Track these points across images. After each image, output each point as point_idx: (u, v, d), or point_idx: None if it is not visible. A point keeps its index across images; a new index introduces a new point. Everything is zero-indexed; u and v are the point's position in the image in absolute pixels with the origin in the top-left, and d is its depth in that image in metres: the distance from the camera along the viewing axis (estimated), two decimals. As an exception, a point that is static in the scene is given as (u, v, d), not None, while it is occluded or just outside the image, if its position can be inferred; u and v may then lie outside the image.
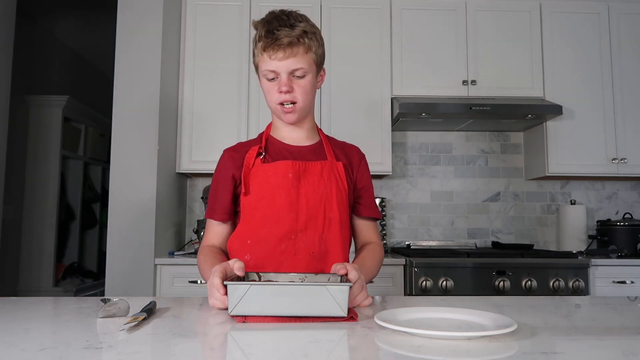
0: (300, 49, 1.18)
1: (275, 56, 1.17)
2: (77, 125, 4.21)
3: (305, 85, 1.21)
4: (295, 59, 1.17)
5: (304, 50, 1.18)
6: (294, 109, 1.22)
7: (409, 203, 3.09)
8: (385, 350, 0.69)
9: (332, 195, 1.22)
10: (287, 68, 1.18)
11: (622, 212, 3.10)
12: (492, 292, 2.36)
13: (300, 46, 1.18)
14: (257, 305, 0.85)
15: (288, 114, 1.23)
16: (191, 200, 3.05)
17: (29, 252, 3.72)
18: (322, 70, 1.29)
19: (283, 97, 1.20)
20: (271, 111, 1.28)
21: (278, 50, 1.16)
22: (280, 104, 1.21)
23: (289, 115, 1.23)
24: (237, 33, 2.81)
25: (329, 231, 1.21)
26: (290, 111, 1.22)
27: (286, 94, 1.19)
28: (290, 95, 1.20)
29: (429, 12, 2.89)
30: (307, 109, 1.26)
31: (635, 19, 2.93)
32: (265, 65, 1.20)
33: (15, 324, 0.83)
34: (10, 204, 3.48)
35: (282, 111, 1.22)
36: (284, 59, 1.17)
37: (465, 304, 1.02)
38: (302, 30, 1.18)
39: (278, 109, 1.23)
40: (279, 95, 1.20)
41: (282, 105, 1.21)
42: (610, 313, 0.98)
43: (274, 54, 1.17)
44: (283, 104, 1.21)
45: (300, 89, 1.20)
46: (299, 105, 1.22)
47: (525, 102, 2.74)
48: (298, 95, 1.20)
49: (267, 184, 1.21)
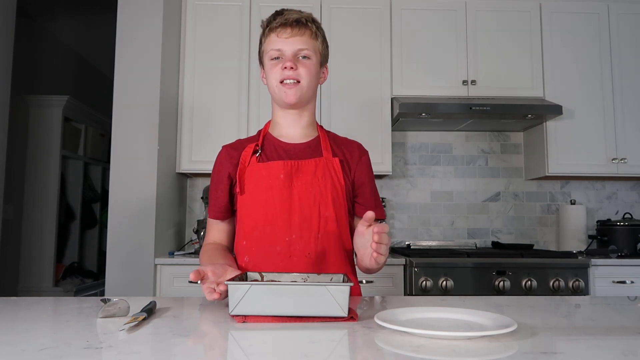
0: (308, 31, 1.19)
1: (282, 33, 1.17)
2: (77, 125, 4.21)
3: (310, 67, 1.19)
4: (301, 38, 1.18)
5: (310, 35, 1.19)
6: (296, 87, 1.18)
7: (409, 203, 3.09)
8: (385, 350, 0.69)
9: (327, 193, 1.19)
10: (293, 47, 1.17)
11: (622, 212, 3.10)
12: (492, 292, 2.36)
13: (308, 29, 1.19)
14: (258, 305, 0.85)
15: (289, 91, 1.18)
16: (191, 200, 3.05)
17: (29, 252, 3.71)
18: (325, 68, 1.28)
19: (286, 74, 1.17)
20: (272, 97, 1.25)
21: (286, 27, 1.17)
22: (281, 82, 1.18)
23: (290, 92, 1.18)
24: (237, 33, 2.81)
25: (325, 230, 1.19)
26: (291, 87, 1.18)
27: (290, 70, 1.17)
28: (294, 73, 1.17)
29: (429, 12, 2.89)
30: (309, 93, 1.22)
31: (635, 19, 2.93)
32: (271, 45, 1.19)
33: (15, 324, 0.83)
34: (10, 204, 3.48)
35: (284, 88, 1.18)
36: (291, 37, 1.17)
37: (465, 304, 1.02)
38: (311, 17, 1.21)
39: (279, 88, 1.19)
40: (282, 72, 1.18)
41: (283, 84, 1.18)
42: (610, 313, 0.98)
43: (282, 31, 1.17)
44: (284, 82, 1.18)
45: (305, 68, 1.18)
46: (302, 84, 1.19)
47: (525, 102, 2.74)
48: (302, 74, 1.18)
49: (260, 184, 1.19)
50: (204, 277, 0.96)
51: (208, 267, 0.99)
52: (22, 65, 3.60)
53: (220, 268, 1.01)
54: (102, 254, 4.46)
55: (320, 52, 1.22)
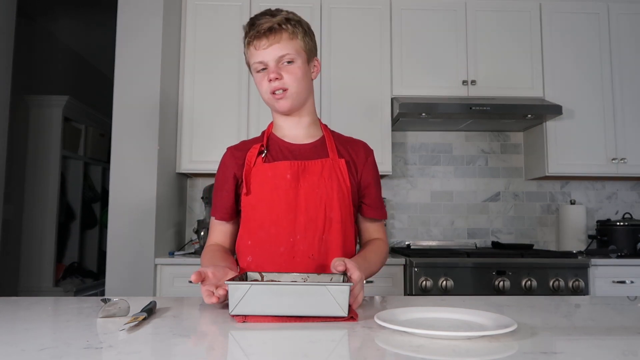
0: (284, 35, 1.16)
1: (259, 45, 1.16)
2: (77, 125, 4.21)
3: (295, 71, 1.18)
4: (279, 45, 1.16)
5: (288, 37, 1.17)
6: (285, 95, 1.18)
7: (409, 203, 3.09)
8: (385, 350, 0.69)
9: (333, 194, 1.19)
10: (273, 56, 1.16)
11: (622, 212, 3.10)
12: (492, 292, 2.36)
13: (283, 32, 1.16)
14: (258, 305, 0.85)
15: (280, 101, 1.19)
16: (191, 200, 3.05)
17: (29, 252, 3.71)
18: (316, 61, 1.26)
19: (273, 86, 1.17)
20: (267, 105, 1.25)
21: (261, 38, 1.15)
22: (272, 93, 1.18)
23: (281, 102, 1.19)
24: (237, 33, 2.81)
25: (329, 232, 1.18)
26: (281, 97, 1.18)
27: (275, 81, 1.16)
28: (279, 82, 1.17)
29: (429, 12, 2.89)
30: (301, 96, 1.21)
31: (635, 19, 2.93)
32: (253, 58, 1.18)
33: (15, 324, 0.83)
34: (10, 204, 3.48)
35: (275, 99, 1.19)
36: (268, 47, 1.15)
37: (465, 304, 1.02)
38: (284, 18, 1.17)
39: (271, 99, 1.20)
40: (269, 84, 1.17)
41: (273, 94, 1.18)
42: (610, 313, 0.98)
43: (258, 42, 1.16)
44: (275, 93, 1.18)
45: (290, 75, 1.17)
46: (291, 91, 1.18)
47: (525, 102, 2.74)
48: (288, 81, 1.17)
49: (266, 185, 1.19)
50: (205, 278, 0.96)
51: (209, 269, 0.98)
52: (22, 65, 3.60)
53: (221, 270, 1.00)
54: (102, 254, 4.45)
55: (304, 50, 1.20)
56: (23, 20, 3.58)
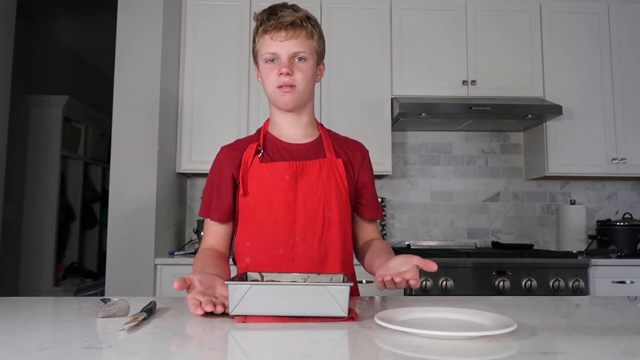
0: (303, 32, 1.16)
1: (277, 36, 1.14)
2: (77, 125, 4.21)
3: (307, 70, 1.17)
4: (297, 41, 1.15)
5: (306, 35, 1.16)
6: (292, 91, 1.16)
7: (409, 203, 3.09)
8: (385, 350, 0.69)
9: (332, 195, 1.18)
10: (288, 50, 1.15)
11: (622, 212, 3.10)
12: (492, 292, 2.36)
13: (303, 30, 1.16)
14: (258, 305, 0.85)
15: (286, 95, 1.16)
16: (191, 200, 3.05)
17: (29, 252, 3.71)
18: (322, 64, 1.26)
19: (282, 80, 1.15)
20: (268, 99, 1.23)
21: (280, 30, 1.14)
22: (279, 87, 1.16)
23: (286, 97, 1.17)
24: (237, 33, 2.81)
25: (328, 232, 1.17)
26: (288, 92, 1.16)
27: (286, 76, 1.15)
28: (290, 78, 1.15)
29: (429, 12, 2.89)
30: (305, 96, 1.21)
31: (635, 19, 2.93)
32: (265, 47, 1.16)
33: (15, 324, 0.83)
34: (10, 204, 3.48)
35: (281, 92, 1.17)
36: (286, 40, 1.14)
37: (465, 304, 1.02)
38: (306, 16, 1.17)
39: (276, 93, 1.17)
40: (278, 78, 1.15)
41: (280, 88, 1.16)
42: (610, 313, 0.97)
43: (277, 33, 1.14)
44: (281, 87, 1.16)
45: (301, 72, 1.16)
46: (299, 89, 1.17)
47: (525, 102, 2.74)
48: (298, 79, 1.16)
49: (264, 185, 1.17)
50: (190, 285, 0.92)
51: (196, 276, 0.94)
52: (22, 65, 3.60)
53: (209, 278, 0.96)
54: (102, 254, 4.46)
55: (316, 51, 1.20)
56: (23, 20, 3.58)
